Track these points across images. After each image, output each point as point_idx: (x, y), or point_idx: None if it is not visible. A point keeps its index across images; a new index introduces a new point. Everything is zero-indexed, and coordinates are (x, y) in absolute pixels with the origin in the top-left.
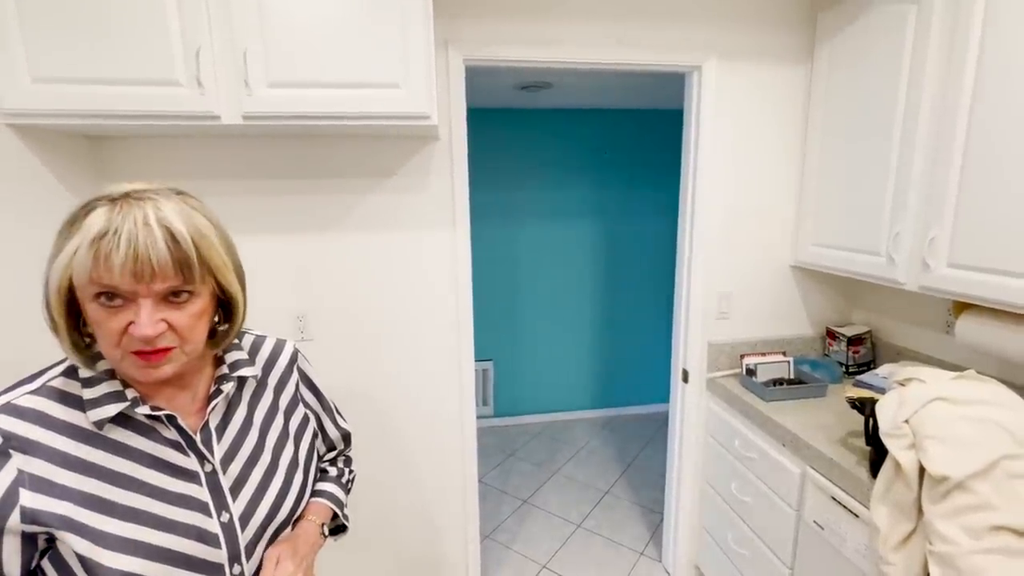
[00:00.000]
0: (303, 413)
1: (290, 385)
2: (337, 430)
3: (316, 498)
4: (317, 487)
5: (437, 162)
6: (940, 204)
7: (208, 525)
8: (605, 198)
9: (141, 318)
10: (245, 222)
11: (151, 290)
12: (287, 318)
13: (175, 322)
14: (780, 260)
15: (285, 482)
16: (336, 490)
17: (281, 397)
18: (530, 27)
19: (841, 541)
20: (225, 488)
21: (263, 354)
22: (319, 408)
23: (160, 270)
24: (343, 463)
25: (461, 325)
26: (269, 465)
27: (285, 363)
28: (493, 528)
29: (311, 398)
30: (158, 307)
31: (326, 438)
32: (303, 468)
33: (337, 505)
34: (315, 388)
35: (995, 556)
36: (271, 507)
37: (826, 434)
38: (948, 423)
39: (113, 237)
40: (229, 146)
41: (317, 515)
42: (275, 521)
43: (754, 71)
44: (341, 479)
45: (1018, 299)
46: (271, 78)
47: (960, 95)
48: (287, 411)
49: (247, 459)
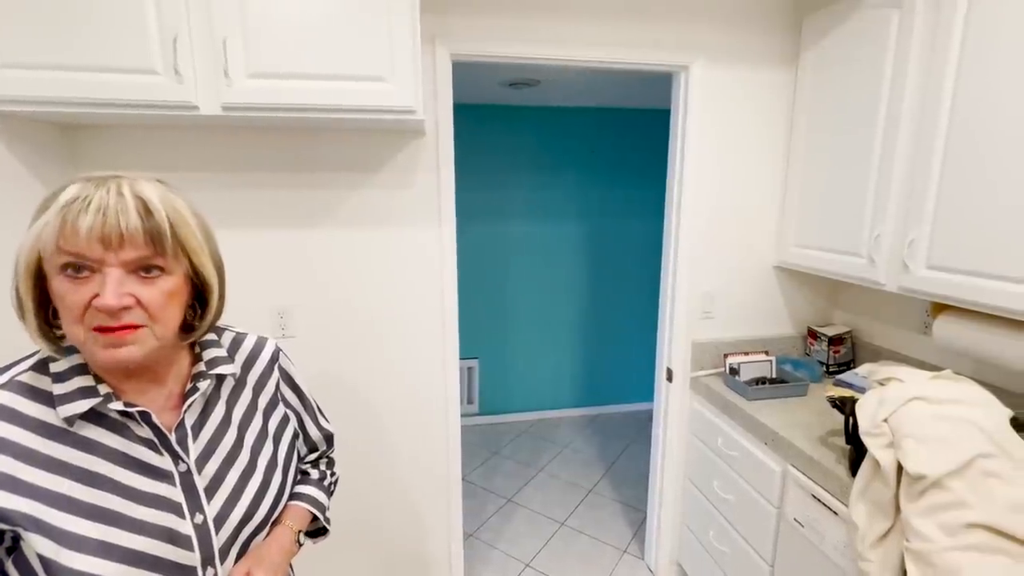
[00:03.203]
0: (283, 412)
1: (270, 384)
2: (319, 431)
3: (295, 501)
4: (297, 489)
5: (423, 158)
6: (920, 207)
7: (180, 526)
8: (592, 197)
9: (106, 287)
10: (225, 216)
11: (119, 259)
12: (268, 314)
13: (144, 298)
14: (764, 260)
15: (263, 483)
16: (317, 493)
17: (260, 396)
18: (517, 23)
19: (821, 538)
20: (200, 488)
21: (243, 351)
22: (301, 408)
23: (129, 237)
24: (325, 465)
25: (446, 323)
26: (247, 466)
27: (266, 361)
28: (477, 527)
29: (292, 397)
30: (126, 280)
31: (308, 439)
32: (282, 469)
33: (318, 508)
34: (297, 387)
35: (970, 553)
36: (248, 509)
37: (807, 433)
38: (926, 422)
39: (83, 203)
40: (210, 138)
41: (294, 520)
42: (251, 523)
43: (740, 73)
44: (323, 482)
45: (993, 300)
46: (252, 68)
47: (940, 100)
48: (266, 410)
49: (224, 459)
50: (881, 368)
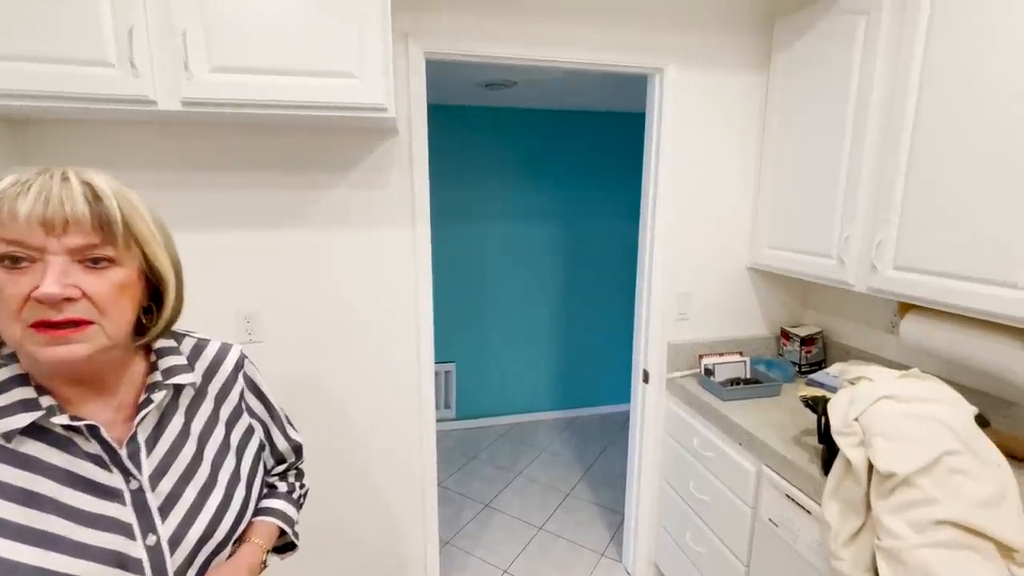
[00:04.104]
0: (248, 423)
1: (234, 393)
2: (287, 441)
3: (262, 516)
4: (264, 504)
5: (397, 157)
6: (887, 209)
7: (130, 549)
8: (569, 199)
9: (47, 275)
10: (187, 216)
11: (63, 245)
12: (233, 318)
13: (92, 290)
14: (737, 262)
15: (224, 499)
16: (286, 506)
17: (223, 406)
18: (492, 22)
19: (794, 537)
20: (153, 507)
21: (205, 359)
22: (267, 418)
23: (75, 221)
24: (294, 477)
25: (420, 326)
26: (207, 480)
27: (230, 369)
28: (454, 533)
29: (258, 407)
30: (71, 269)
31: (275, 450)
32: (245, 483)
33: (286, 522)
34: (264, 396)
35: (939, 550)
36: (207, 527)
37: (780, 432)
38: (895, 420)
39: (22, 186)
40: (171, 134)
41: (260, 536)
42: (211, 542)
43: (714, 76)
44: (292, 494)
45: (956, 300)
46: (214, 62)
47: (905, 105)
48: (229, 421)
49: (181, 475)
50: (852, 367)
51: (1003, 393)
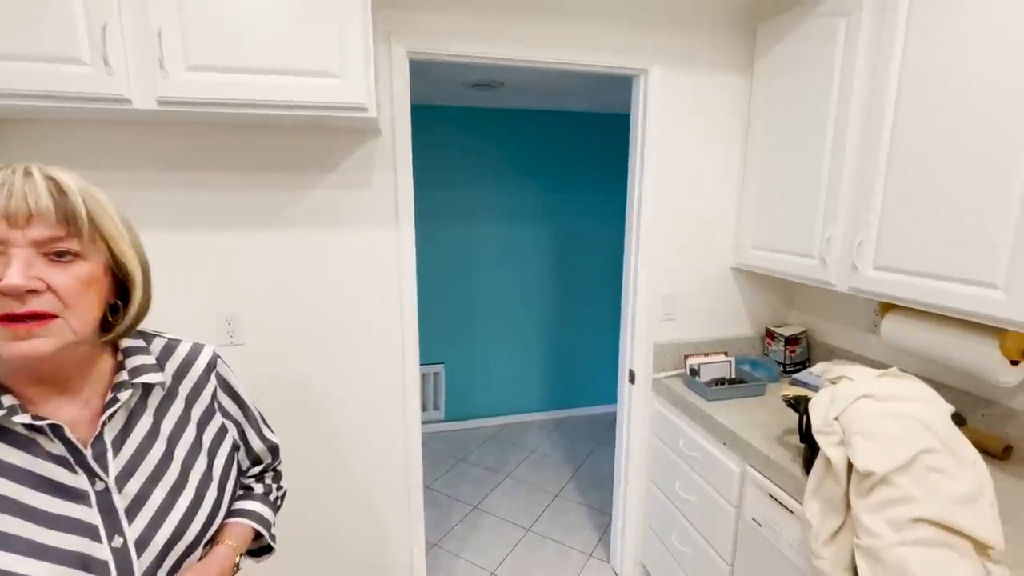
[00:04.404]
0: (221, 423)
1: (206, 393)
2: (263, 442)
3: (237, 518)
4: (239, 505)
5: (380, 158)
6: (867, 210)
7: (96, 551)
8: (558, 200)
9: (10, 267)
10: (165, 217)
11: (27, 238)
12: (214, 320)
13: (57, 283)
14: (722, 263)
15: (195, 500)
16: (261, 508)
17: (195, 407)
18: (477, 22)
19: (777, 537)
20: (119, 509)
21: (175, 359)
22: (241, 418)
23: (39, 214)
24: (271, 479)
25: (405, 327)
26: (176, 481)
27: (201, 369)
28: (441, 536)
29: (232, 407)
30: (35, 261)
31: (250, 451)
32: (218, 484)
33: (262, 524)
34: (237, 396)
35: (916, 548)
36: (176, 529)
37: (764, 432)
38: (874, 419)
39: None
40: (149, 134)
41: (233, 538)
42: (180, 544)
43: (698, 78)
44: (268, 496)
45: (934, 299)
46: (191, 61)
47: (884, 108)
48: (200, 422)
49: (149, 476)
50: (834, 367)
51: (981, 391)
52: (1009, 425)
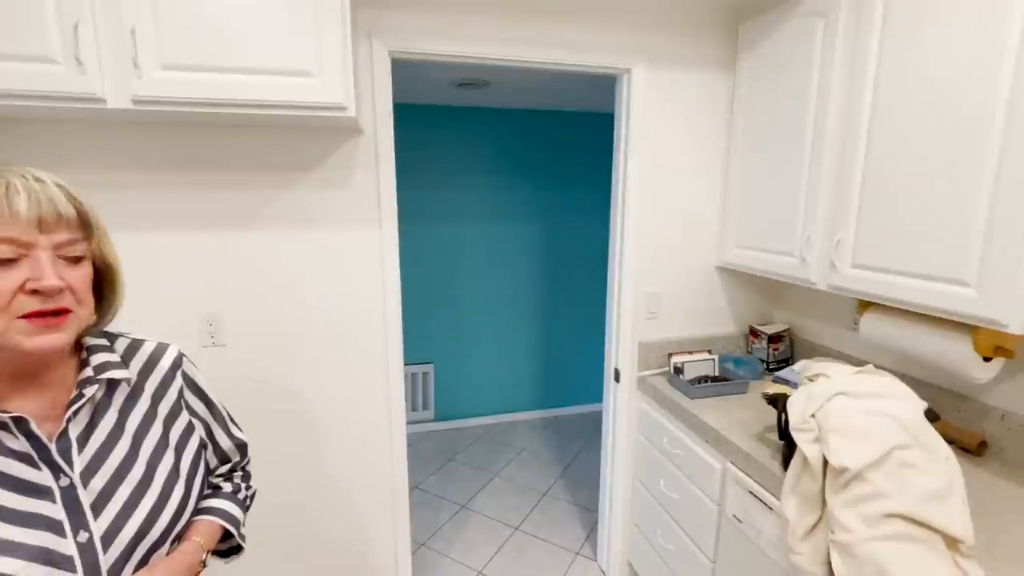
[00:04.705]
0: (187, 421)
1: (172, 391)
2: (230, 440)
3: (205, 516)
4: (207, 504)
5: (361, 157)
6: (845, 208)
7: (61, 547)
8: (546, 199)
9: (45, 269)
10: (146, 217)
11: (51, 241)
12: (194, 321)
13: (73, 282)
14: (706, 261)
15: (161, 496)
16: (230, 506)
17: (160, 405)
18: (459, 21)
19: (757, 533)
20: (85, 504)
21: (140, 357)
22: (209, 416)
23: (65, 219)
24: (240, 478)
25: (389, 326)
26: (142, 478)
27: (167, 367)
28: (429, 535)
29: (199, 405)
30: (56, 263)
31: (218, 449)
32: (184, 481)
33: (231, 523)
34: (204, 395)
35: (887, 542)
36: (142, 524)
37: (745, 430)
38: (848, 416)
39: (9, 187)
40: (128, 134)
41: (201, 535)
42: (147, 540)
43: (682, 77)
44: (237, 495)
45: (909, 297)
46: (165, 59)
47: (861, 108)
48: (167, 419)
49: (115, 472)
50: (813, 365)
51: (957, 388)
52: (984, 421)
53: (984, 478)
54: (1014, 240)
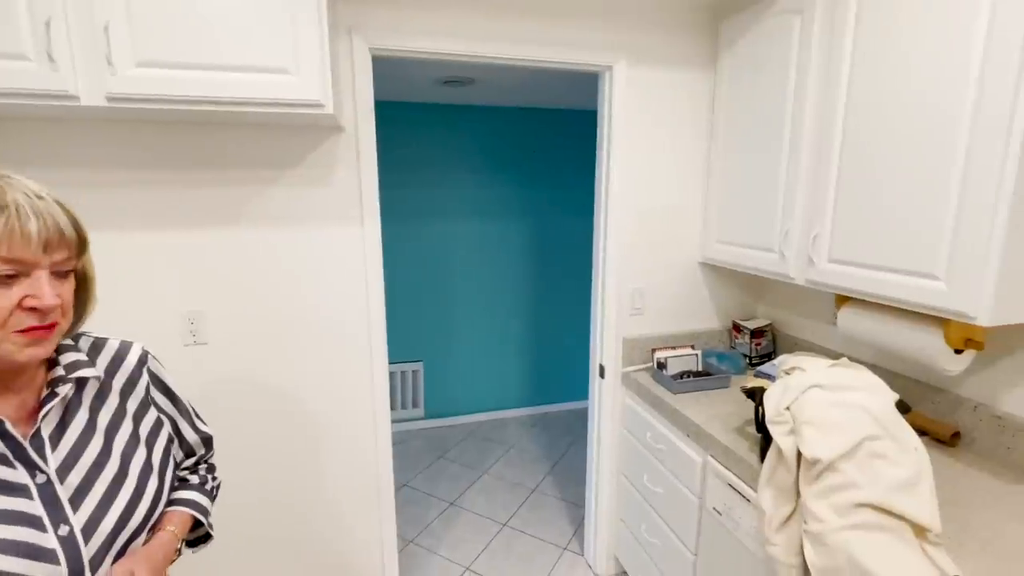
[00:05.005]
0: (156, 416)
1: (139, 387)
2: (196, 434)
3: (175, 507)
4: (177, 495)
5: (343, 154)
6: (822, 204)
7: (42, 541)
8: (535, 197)
9: (44, 289)
10: (125, 216)
11: (50, 260)
12: (175, 319)
13: (65, 297)
14: (689, 257)
15: (137, 489)
16: (199, 497)
17: (129, 401)
18: (440, 18)
19: (736, 526)
20: (63, 499)
21: (106, 355)
22: (174, 411)
23: (66, 239)
24: (205, 470)
25: (372, 325)
26: (118, 472)
27: (133, 364)
28: (417, 532)
29: (165, 402)
30: (51, 279)
31: (184, 443)
32: (158, 473)
33: (201, 512)
34: (169, 391)
35: (857, 531)
36: (121, 515)
37: (725, 424)
38: (822, 408)
39: (20, 210)
40: (106, 131)
41: (174, 525)
42: (126, 530)
43: (663, 74)
44: (204, 486)
45: (884, 291)
46: (139, 56)
47: (836, 105)
48: (136, 415)
49: (90, 467)
50: (791, 358)
51: (932, 380)
52: (957, 412)
53: (957, 468)
54: (981, 235)
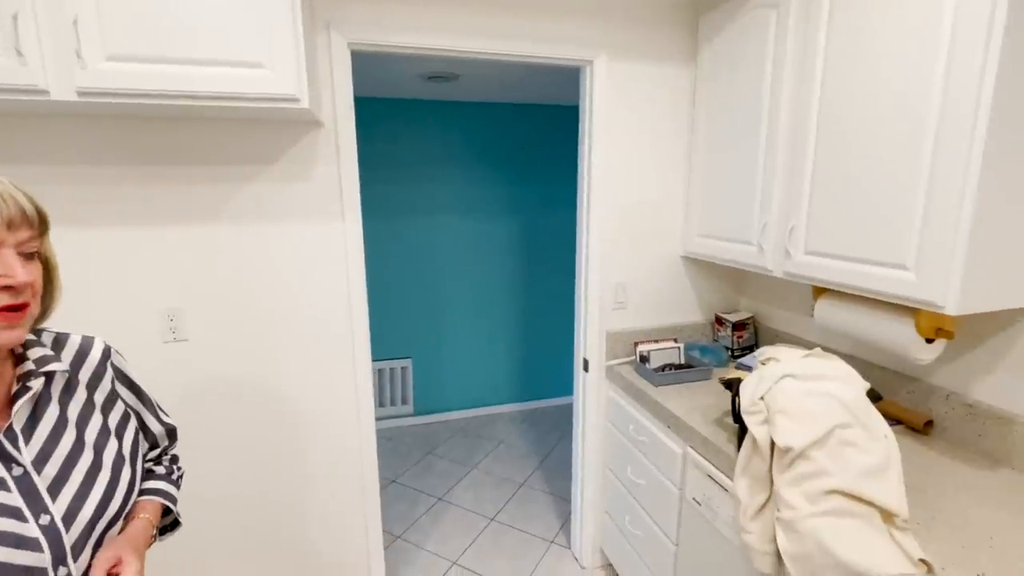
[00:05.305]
0: (123, 409)
1: (105, 382)
2: (160, 425)
3: (146, 496)
4: (146, 485)
5: (322, 150)
6: (797, 197)
7: (25, 530)
8: (522, 192)
9: (15, 266)
10: (100, 212)
11: (15, 239)
12: (154, 317)
13: (34, 277)
14: (672, 251)
15: (112, 478)
16: (166, 486)
17: (96, 394)
18: (420, 13)
19: (715, 515)
20: (41, 490)
21: (70, 350)
22: (139, 404)
23: (28, 217)
24: (169, 460)
25: (355, 322)
26: (92, 463)
27: (98, 358)
28: (405, 528)
29: (129, 395)
30: (18, 259)
31: (148, 434)
32: (130, 463)
33: (170, 500)
34: (133, 384)
35: (827, 518)
36: (99, 504)
37: (704, 415)
38: (794, 397)
39: None
40: (80, 127)
41: (148, 512)
42: (104, 518)
43: (644, 70)
44: (171, 476)
45: (857, 282)
46: (110, 50)
47: (811, 99)
48: (104, 408)
49: (66, 458)
50: (768, 349)
51: (906, 370)
52: (930, 401)
53: (930, 456)
54: (948, 226)
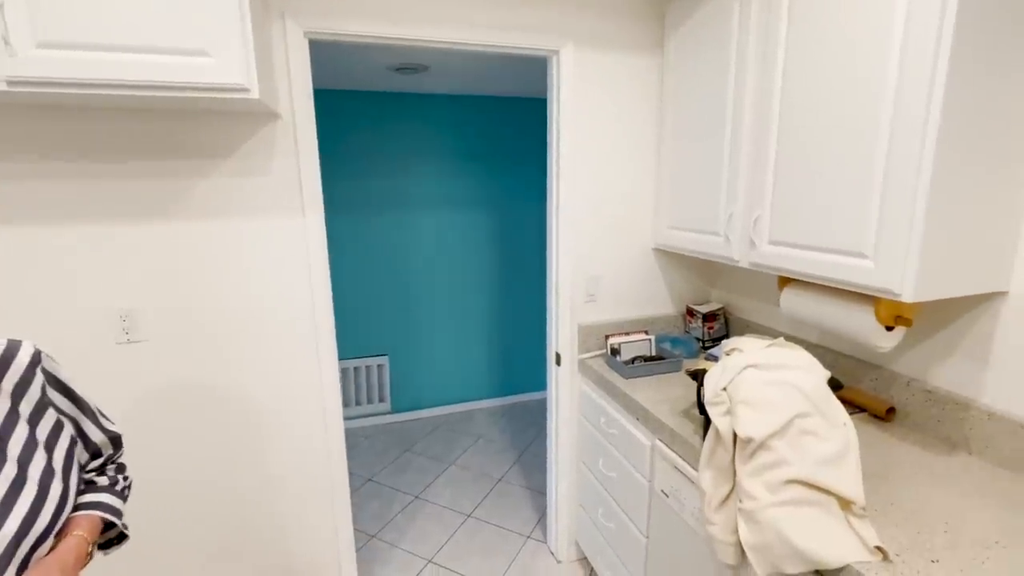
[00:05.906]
0: (55, 419)
1: (33, 389)
2: (103, 433)
3: (83, 511)
4: (85, 499)
5: (280, 143)
6: (761, 187)
7: None
8: (495, 186)
9: None
10: (46, 209)
11: None
12: (106, 318)
13: None
14: (643, 243)
15: (40, 494)
16: (108, 499)
17: (22, 404)
18: (380, 1)
19: (682, 507)
20: None
21: None
22: (76, 411)
23: None
24: (115, 470)
25: (319, 319)
26: (16, 478)
27: (24, 365)
28: (380, 527)
29: (64, 402)
30: None
31: (89, 444)
32: (61, 477)
33: (112, 514)
34: (69, 390)
35: (786, 507)
36: (24, 521)
37: (672, 407)
38: (756, 388)
39: None
40: (16, 118)
41: (82, 528)
42: (30, 536)
43: (611, 58)
44: (115, 487)
45: (819, 271)
46: (40, 37)
47: (772, 90)
48: (31, 419)
49: None
50: (732, 340)
51: (869, 358)
52: (892, 387)
53: (891, 442)
54: (903, 215)
